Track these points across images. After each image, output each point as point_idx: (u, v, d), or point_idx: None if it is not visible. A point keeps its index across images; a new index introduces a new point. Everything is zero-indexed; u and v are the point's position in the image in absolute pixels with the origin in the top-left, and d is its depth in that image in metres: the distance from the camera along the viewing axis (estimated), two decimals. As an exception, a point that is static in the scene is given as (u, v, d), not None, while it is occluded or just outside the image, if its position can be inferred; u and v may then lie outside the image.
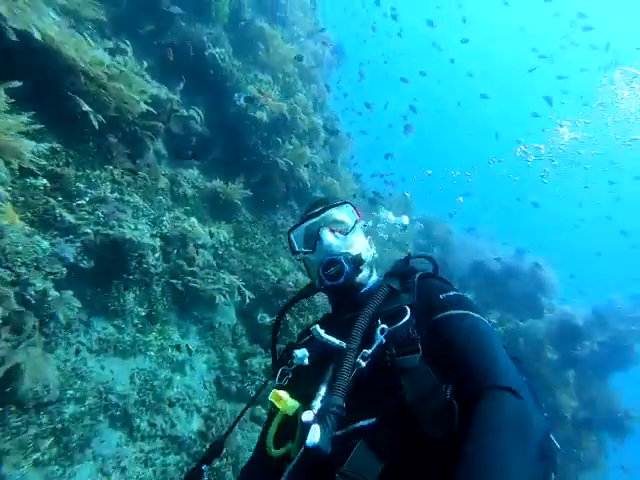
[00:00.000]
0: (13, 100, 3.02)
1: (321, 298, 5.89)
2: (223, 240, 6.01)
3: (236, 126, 6.42)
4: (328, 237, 1.44)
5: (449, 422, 1.00)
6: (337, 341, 1.22)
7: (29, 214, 3.70)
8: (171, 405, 4.61)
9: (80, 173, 4.44)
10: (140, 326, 4.74)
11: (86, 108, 4.14)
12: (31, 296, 3.34)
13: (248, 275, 6.21)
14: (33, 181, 3.89)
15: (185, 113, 5.92)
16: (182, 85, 5.84)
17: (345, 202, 1.53)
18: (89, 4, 5.32)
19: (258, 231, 6.70)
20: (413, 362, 1.12)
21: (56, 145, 4.13)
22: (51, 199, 3.95)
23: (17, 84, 3.01)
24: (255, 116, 6.27)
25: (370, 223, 1.58)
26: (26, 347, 3.11)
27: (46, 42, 3.69)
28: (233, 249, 6.22)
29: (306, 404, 1.15)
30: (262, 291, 6.25)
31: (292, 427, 1.19)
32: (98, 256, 4.23)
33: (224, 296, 5.52)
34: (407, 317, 1.22)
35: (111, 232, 4.27)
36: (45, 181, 3.98)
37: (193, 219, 5.76)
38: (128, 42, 4.92)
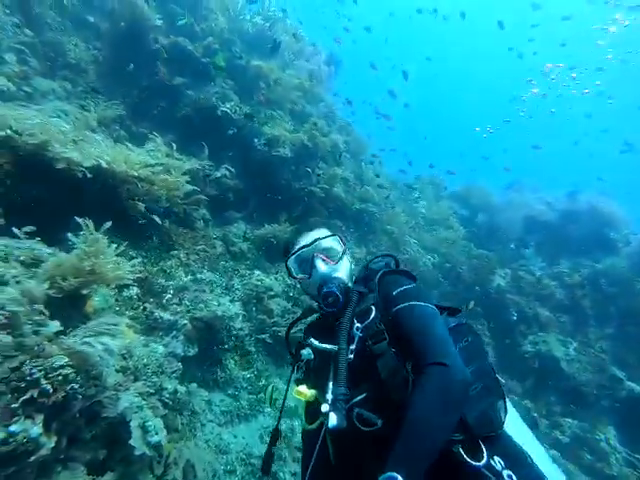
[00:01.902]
0: (107, 237, 3.28)
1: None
2: (290, 281, 6.24)
3: (265, 169, 6.61)
4: (320, 266, 1.75)
5: (406, 391, 1.39)
6: (329, 346, 1.59)
7: (137, 325, 4.02)
8: (300, 450, 4.90)
9: (156, 269, 4.75)
10: (249, 387, 5.03)
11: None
12: (167, 398, 3.67)
13: (321, 304, 6.43)
14: (128, 293, 4.21)
15: (218, 174, 6.15)
16: (207, 151, 6.05)
17: (334, 234, 1.85)
18: (110, 107, 5.64)
19: (315, 259, 6.90)
20: (382, 348, 1.50)
21: (132, 252, 4.44)
22: (146, 304, 4.28)
23: (108, 224, 3.27)
24: (279, 154, 6.44)
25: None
26: (186, 442, 3.43)
27: (105, 167, 3.96)
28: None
29: (321, 393, 1.55)
30: (338, 315, 6.47)
31: (317, 406, 1.55)
32: (198, 340, 4.55)
33: (309, 333, 5.76)
34: (373, 314, 1.59)
35: (202, 315, 4.57)
36: (136, 289, 4.30)
37: (257, 272, 6.02)
38: (156, 133, 5.16)
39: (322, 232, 1.86)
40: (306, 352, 1.69)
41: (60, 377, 2.63)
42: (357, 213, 7.30)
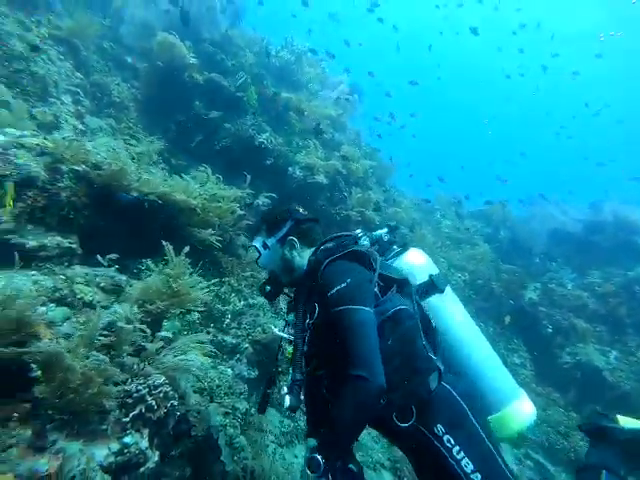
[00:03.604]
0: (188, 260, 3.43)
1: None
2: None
3: (301, 196, 6.83)
4: (259, 259, 2.22)
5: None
6: (286, 335, 2.10)
7: (204, 348, 4.11)
8: (360, 470, 4.88)
9: (212, 295, 4.88)
10: (305, 408, 5.05)
11: (207, 234, 4.61)
12: (240, 418, 3.74)
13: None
14: (190, 317, 4.33)
15: (260, 202, 6.37)
16: (248, 180, 6.29)
17: (259, 231, 2.26)
18: (152, 142, 5.93)
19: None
20: (324, 346, 1.84)
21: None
22: (208, 329, 4.39)
23: (187, 249, 3.42)
24: (316, 181, 6.68)
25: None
26: (264, 458, 3.49)
27: (166, 196, 4.17)
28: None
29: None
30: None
31: None
32: (257, 362, 4.63)
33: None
34: (317, 312, 1.87)
35: (260, 337, 4.67)
36: (197, 314, 4.42)
37: (301, 293, 6.14)
38: (205, 165, 5.40)
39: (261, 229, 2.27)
40: (277, 329, 2.23)
41: (161, 394, 2.73)
42: (389, 235, 7.45)
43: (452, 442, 1.71)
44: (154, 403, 2.67)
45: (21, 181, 3.49)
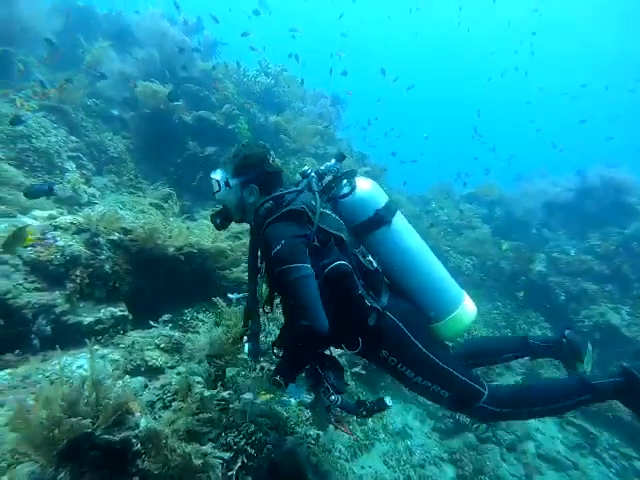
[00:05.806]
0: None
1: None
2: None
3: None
4: (217, 193, 2.37)
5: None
6: (236, 295, 3.02)
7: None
8: (423, 467, 5.12)
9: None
10: (358, 419, 5.26)
11: (240, 271, 4.76)
12: (312, 444, 3.92)
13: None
14: (241, 356, 4.48)
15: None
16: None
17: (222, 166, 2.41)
18: (157, 188, 6.03)
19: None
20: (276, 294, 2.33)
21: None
22: (261, 364, 4.54)
23: (235, 296, 3.56)
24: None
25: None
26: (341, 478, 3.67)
27: (197, 245, 4.31)
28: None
29: None
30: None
31: None
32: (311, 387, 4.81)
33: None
34: (264, 264, 2.23)
35: (308, 360, 4.85)
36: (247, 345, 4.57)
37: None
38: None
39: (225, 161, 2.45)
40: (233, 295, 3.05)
41: (257, 442, 2.90)
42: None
43: (395, 361, 2.18)
44: (253, 451, 2.84)
45: (66, 262, 3.59)
